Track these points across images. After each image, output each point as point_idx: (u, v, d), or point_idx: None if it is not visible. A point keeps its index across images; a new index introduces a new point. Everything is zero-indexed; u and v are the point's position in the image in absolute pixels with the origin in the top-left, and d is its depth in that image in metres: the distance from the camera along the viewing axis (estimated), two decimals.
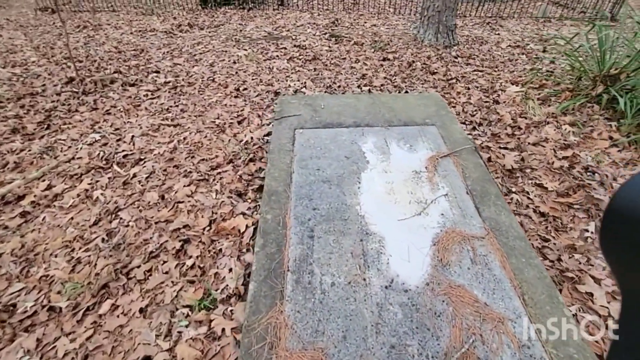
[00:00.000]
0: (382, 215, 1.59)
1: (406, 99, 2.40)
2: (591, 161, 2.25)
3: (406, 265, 1.39)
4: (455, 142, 2.00)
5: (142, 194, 2.18)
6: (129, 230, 1.92)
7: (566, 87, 3.01)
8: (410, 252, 1.43)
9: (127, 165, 2.43)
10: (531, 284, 1.32)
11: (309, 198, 1.68)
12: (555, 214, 1.89)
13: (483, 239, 1.48)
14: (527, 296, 1.28)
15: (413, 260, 1.40)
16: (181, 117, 2.98)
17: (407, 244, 1.46)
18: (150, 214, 2.02)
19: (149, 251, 1.78)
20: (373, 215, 1.59)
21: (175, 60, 4.08)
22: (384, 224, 1.55)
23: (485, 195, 1.67)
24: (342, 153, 1.93)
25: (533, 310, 1.24)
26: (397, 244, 1.47)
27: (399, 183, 1.75)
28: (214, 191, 2.15)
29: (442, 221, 1.56)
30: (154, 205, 2.08)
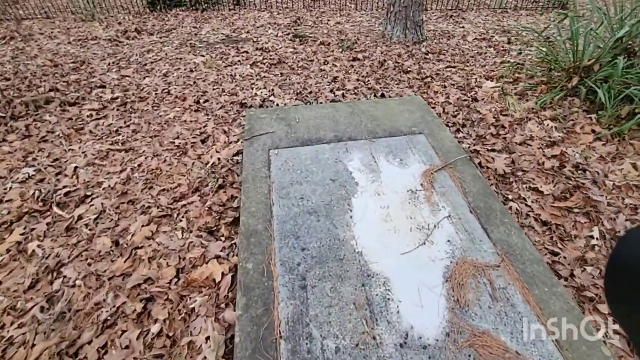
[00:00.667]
0: (382, 250, 1.37)
1: (388, 105, 2.20)
2: (579, 158, 2.18)
3: (420, 313, 1.18)
4: (447, 151, 1.83)
5: (91, 241, 1.82)
6: (75, 293, 1.56)
7: (540, 80, 2.97)
8: (422, 293, 1.23)
9: (70, 206, 2.04)
10: (561, 318, 1.16)
11: (295, 236, 1.42)
12: (557, 221, 1.78)
13: (498, 267, 1.31)
14: (559, 335, 1.12)
15: (426, 304, 1.20)
16: (134, 140, 2.60)
17: (417, 284, 1.26)
18: (101, 268, 1.67)
19: (102, 319, 1.44)
20: (372, 250, 1.37)
21: (123, 72, 3.62)
22: (386, 260, 1.33)
23: (491, 213, 1.50)
24: (326, 175, 1.68)
25: (570, 354, 1.07)
26: (405, 285, 1.25)
27: (396, 207, 1.54)
28: (179, 229, 1.83)
29: (450, 250, 1.37)
30: (106, 255, 1.73)
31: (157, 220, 1.90)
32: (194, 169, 2.24)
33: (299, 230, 1.44)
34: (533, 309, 1.19)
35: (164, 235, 1.81)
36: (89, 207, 2.03)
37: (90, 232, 1.86)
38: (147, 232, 1.82)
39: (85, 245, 1.80)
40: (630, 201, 1.88)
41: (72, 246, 1.80)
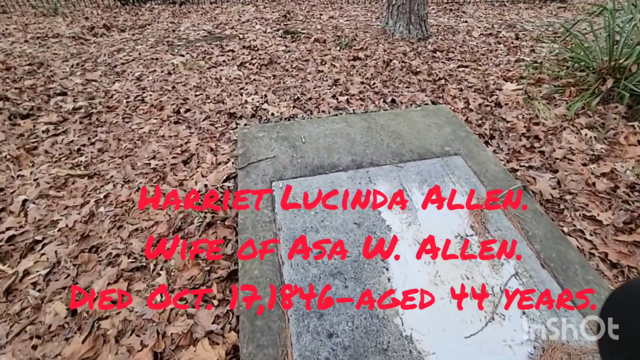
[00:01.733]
0: (438, 331, 1.00)
1: (410, 118, 1.83)
2: (632, 176, 1.87)
3: None
4: (493, 178, 1.47)
5: (39, 309, 1.38)
6: None
7: (567, 81, 2.66)
8: None
9: (13, 257, 1.58)
10: None
11: (318, 313, 1.03)
12: (628, 261, 1.46)
13: (597, 351, 0.95)
14: None
15: None
16: (99, 161, 2.14)
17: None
18: (52, 351, 1.24)
19: None
20: (425, 333, 0.99)
21: (89, 76, 3.11)
22: (447, 348, 0.96)
23: (569, 267, 1.16)
24: (348, 217, 1.30)
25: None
26: None
27: (444, 261, 1.17)
28: (157, 287, 1.41)
29: (528, 327, 1.01)
30: (59, 331, 1.30)
31: (127, 275, 1.48)
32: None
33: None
34: None
35: (137, 297, 1.39)
36: (39, 256, 1.58)
37: (40, 295, 1.43)
38: (113, 293, 1.39)
39: (32, 315, 1.36)
40: None
41: (14, 317, 1.36)
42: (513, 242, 1.23)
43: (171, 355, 1.18)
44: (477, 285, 1.11)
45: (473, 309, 1.06)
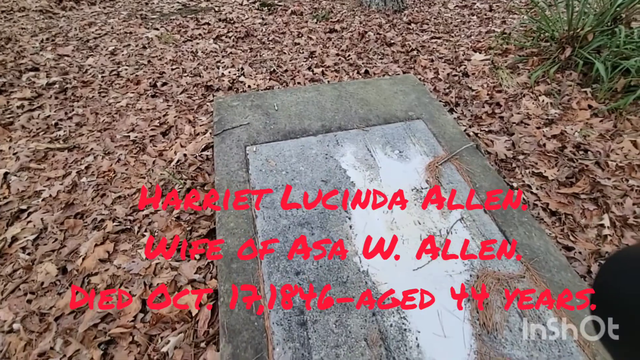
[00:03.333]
0: (391, 266, 1.16)
1: (379, 86, 1.93)
2: (579, 137, 2.05)
3: (443, 344, 0.99)
4: (451, 139, 1.61)
5: (30, 269, 1.47)
6: (13, 342, 1.25)
7: (531, 51, 2.79)
8: (443, 319, 1.04)
9: (0, 224, 1.65)
10: None
11: (286, 256, 1.17)
12: (566, 210, 1.65)
13: (523, 278, 1.14)
14: (598, 357, 0.98)
15: (449, 333, 1.02)
16: (78, 135, 2.17)
17: (436, 307, 1.07)
18: (46, 304, 1.35)
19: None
20: (379, 268, 1.15)
21: (61, 51, 3.05)
22: (397, 279, 1.13)
23: (507, 211, 1.33)
24: (317, 176, 1.42)
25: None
26: (423, 310, 1.06)
27: (401, 210, 1.32)
28: (142, 247, 1.52)
29: (468, 260, 1.18)
30: (52, 287, 1.41)
31: (113, 237, 1.58)
32: (155, 169, 1.90)
33: (290, 249, 1.19)
34: (567, 325, 1.04)
35: (124, 256, 1.50)
36: (25, 224, 1.66)
37: (30, 258, 1.52)
38: (102, 253, 1.50)
39: (24, 275, 1.46)
40: (634, 182, 1.78)
41: (6, 278, 1.45)
42: (462, 192, 1.39)
43: (158, 302, 1.31)
44: (427, 228, 1.27)
45: (423, 248, 1.22)
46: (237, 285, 1.10)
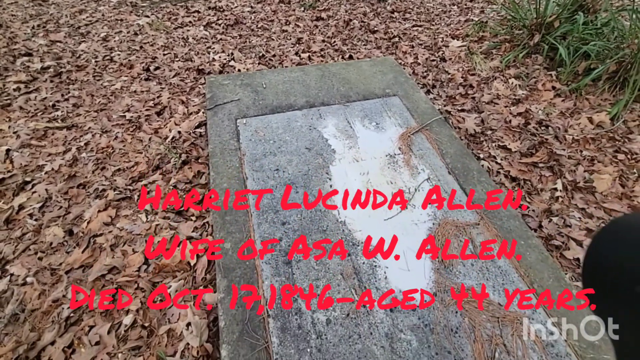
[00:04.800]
0: (365, 217, 1.33)
1: (359, 67, 2.09)
2: (542, 114, 2.26)
3: (407, 276, 1.17)
4: (423, 113, 1.79)
5: (39, 232, 1.60)
6: (27, 292, 1.38)
7: (504, 38, 2.99)
8: (408, 258, 1.22)
9: (6, 195, 1.77)
10: (537, 269, 1.21)
11: (274, 210, 1.34)
12: (525, 176, 1.85)
13: (478, 225, 1.33)
14: (536, 285, 1.17)
15: (413, 268, 1.20)
16: (76, 115, 2.28)
17: (402, 249, 1.25)
18: (55, 261, 1.49)
19: (64, 317, 1.30)
20: (355, 218, 1.33)
21: (53, 37, 3.12)
22: (370, 227, 1.30)
23: (468, 173, 1.51)
24: (301, 144, 1.58)
25: (546, 301, 1.13)
26: (391, 251, 1.24)
27: (375, 172, 1.49)
28: (142, 212, 1.67)
29: (431, 212, 1.37)
30: (60, 247, 1.54)
31: (115, 204, 1.72)
32: (151, 145, 2.03)
33: (277, 204, 1.36)
34: (511, 262, 1.23)
35: (126, 219, 1.64)
36: (30, 194, 1.78)
37: (37, 223, 1.65)
38: (105, 217, 1.64)
39: (33, 237, 1.59)
40: (587, 153, 1.99)
41: (16, 240, 1.58)
42: (430, 158, 1.57)
43: (159, 255, 1.47)
44: (398, 187, 1.45)
45: (393, 202, 1.39)
46: (230, 233, 1.26)
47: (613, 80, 2.35)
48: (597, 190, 1.78)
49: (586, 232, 1.58)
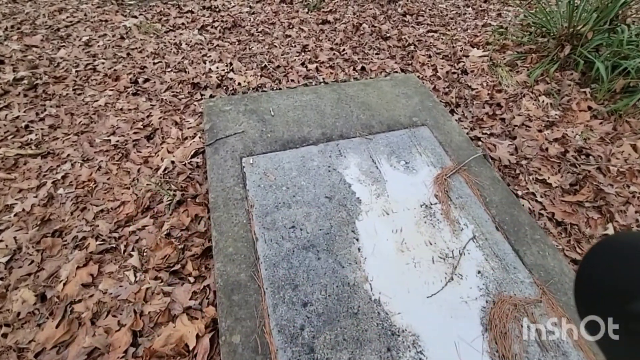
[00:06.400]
0: (403, 293, 1.09)
1: (380, 89, 1.83)
2: (580, 140, 2.03)
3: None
4: (458, 148, 1.54)
5: (4, 298, 1.33)
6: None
7: (529, 48, 2.73)
8: (461, 351, 0.99)
9: None
10: None
11: (292, 284, 1.09)
12: (571, 220, 1.63)
13: (540, 302, 1.10)
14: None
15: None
16: (52, 139, 1.99)
17: (453, 338, 1.01)
18: (24, 338, 1.23)
19: None
20: (391, 295, 1.08)
21: (28, 41, 2.78)
22: (411, 307, 1.06)
23: (520, 229, 1.28)
24: (320, 191, 1.33)
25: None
26: (439, 342, 1.00)
27: (410, 229, 1.25)
28: (130, 268, 1.41)
29: (483, 284, 1.13)
30: (30, 318, 1.28)
31: (97, 257, 1.45)
32: (141, 179, 1.75)
33: (296, 276, 1.11)
34: (586, 354, 1.00)
35: (110, 279, 1.38)
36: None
37: (3, 284, 1.37)
38: (85, 277, 1.37)
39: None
40: (635, 189, 1.78)
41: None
42: (472, 208, 1.33)
43: (151, 333, 1.21)
44: (439, 249, 1.21)
45: (435, 271, 1.15)
46: (239, 320, 1.01)
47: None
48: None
49: None
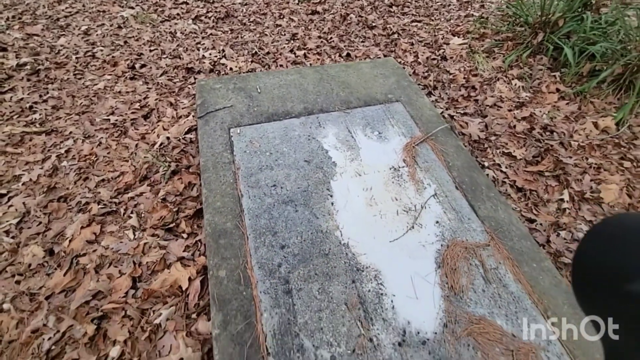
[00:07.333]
0: (369, 239, 1.25)
1: (360, 70, 1.98)
2: (547, 119, 2.19)
3: (415, 306, 1.10)
4: (427, 121, 1.70)
5: (16, 252, 1.48)
6: (4, 320, 1.27)
7: (506, 36, 2.89)
8: (416, 284, 1.15)
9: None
10: (550, 295, 1.15)
11: (272, 232, 1.24)
12: (531, 186, 1.79)
13: (488, 246, 1.26)
14: (550, 311, 1.12)
15: (421, 296, 1.13)
16: (55, 118, 2.13)
17: (409, 273, 1.17)
18: (35, 285, 1.38)
19: (44, 349, 1.20)
20: (359, 240, 1.24)
21: (29, 30, 2.91)
22: (375, 250, 1.22)
23: (477, 188, 1.44)
24: (300, 156, 1.48)
25: (560, 330, 1.08)
26: (398, 276, 1.16)
27: (379, 188, 1.41)
28: (129, 228, 1.56)
29: (439, 232, 1.29)
30: (39, 269, 1.43)
31: (99, 219, 1.60)
32: (138, 153, 1.90)
33: (275, 225, 1.26)
34: (524, 287, 1.17)
35: (111, 237, 1.53)
36: (7, 209, 1.65)
37: (14, 241, 1.52)
38: (88, 235, 1.52)
39: (9, 257, 1.47)
40: (593, 161, 1.94)
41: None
42: (436, 171, 1.49)
43: (148, 278, 1.37)
44: (403, 204, 1.36)
45: (398, 221, 1.31)
46: (225, 259, 1.16)
47: (618, 83, 2.28)
48: (604, 201, 1.73)
49: None
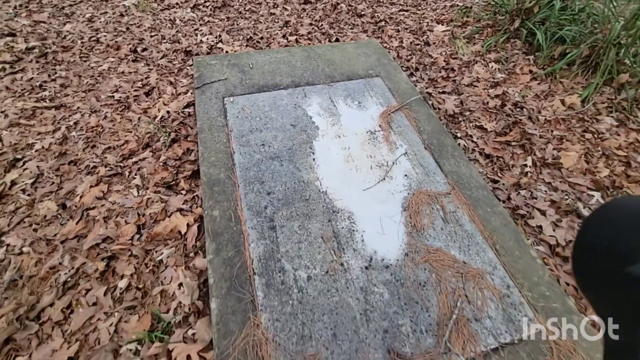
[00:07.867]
0: (345, 188, 1.43)
1: (344, 49, 2.16)
2: (518, 97, 2.37)
3: (382, 239, 1.28)
4: (403, 93, 1.87)
5: (32, 206, 1.66)
6: (24, 260, 1.45)
7: (487, 23, 3.07)
8: (383, 223, 1.33)
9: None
10: (500, 232, 1.34)
11: (260, 181, 1.42)
12: (498, 154, 1.97)
13: (449, 194, 1.44)
14: (498, 245, 1.30)
15: (388, 232, 1.31)
16: (64, 95, 2.30)
17: (379, 215, 1.35)
18: (51, 232, 1.55)
19: (61, 281, 1.37)
20: (336, 189, 1.42)
21: (36, 17, 3.08)
22: (350, 196, 1.40)
23: (443, 148, 1.62)
24: (286, 121, 1.66)
25: (506, 258, 1.26)
26: (368, 217, 1.34)
27: (356, 147, 1.58)
28: (133, 187, 1.73)
29: (407, 183, 1.47)
30: (54, 220, 1.61)
31: (106, 179, 1.78)
32: (141, 124, 2.07)
33: (263, 176, 1.44)
34: (477, 226, 1.35)
35: (118, 194, 1.70)
36: (22, 171, 1.82)
37: (30, 198, 1.70)
38: (97, 192, 1.70)
39: (26, 211, 1.64)
40: (557, 133, 2.12)
41: (10, 213, 1.63)
42: (408, 134, 1.67)
43: (151, 226, 1.54)
44: (377, 160, 1.54)
45: (372, 174, 1.49)
46: (218, 202, 1.34)
47: (586, 64, 2.46)
48: (563, 166, 1.91)
49: (550, 203, 1.72)
